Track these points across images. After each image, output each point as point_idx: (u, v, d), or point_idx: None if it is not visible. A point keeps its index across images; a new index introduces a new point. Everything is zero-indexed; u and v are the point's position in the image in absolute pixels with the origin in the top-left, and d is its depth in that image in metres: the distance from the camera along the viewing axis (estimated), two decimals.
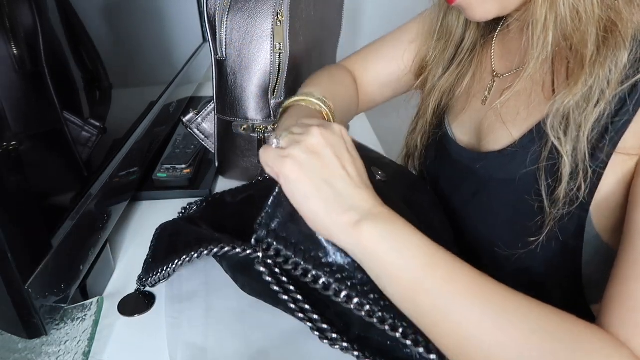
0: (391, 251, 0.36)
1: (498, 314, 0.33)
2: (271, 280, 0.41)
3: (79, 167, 0.52)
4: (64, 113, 0.49)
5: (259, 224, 0.40)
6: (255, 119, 0.66)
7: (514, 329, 0.33)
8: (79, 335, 0.45)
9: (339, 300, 0.39)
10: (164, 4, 0.86)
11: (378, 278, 0.37)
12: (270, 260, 0.41)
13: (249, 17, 0.62)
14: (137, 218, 0.69)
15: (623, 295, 0.34)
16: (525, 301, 0.34)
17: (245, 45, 0.62)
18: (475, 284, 0.35)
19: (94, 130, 0.56)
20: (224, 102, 0.67)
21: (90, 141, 0.55)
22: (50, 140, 0.47)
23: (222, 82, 0.66)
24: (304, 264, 0.39)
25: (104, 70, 0.61)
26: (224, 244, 0.44)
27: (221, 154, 0.74)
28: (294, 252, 0.40)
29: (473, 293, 0.34)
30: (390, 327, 0.38)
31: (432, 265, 0.35)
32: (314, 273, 0.39)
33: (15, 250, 0.38)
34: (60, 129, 0.48)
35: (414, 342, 0.38)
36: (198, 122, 0.72)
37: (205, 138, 0.74)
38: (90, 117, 0.55)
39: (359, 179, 0.39)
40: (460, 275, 0.35)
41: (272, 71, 0.63)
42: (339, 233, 0.37)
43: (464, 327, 0.34)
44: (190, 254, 0.46)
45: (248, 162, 0.72)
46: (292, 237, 0.40)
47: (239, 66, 0.64)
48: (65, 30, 0.50)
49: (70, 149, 0.50)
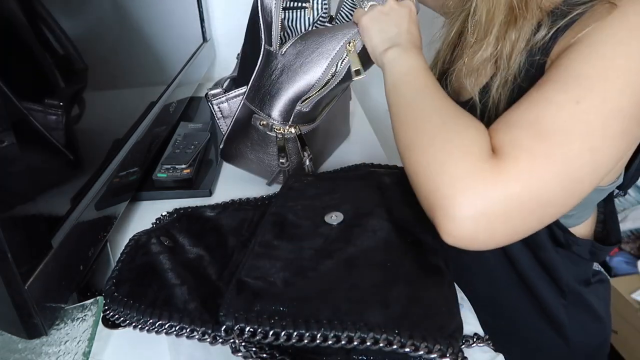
0: (395, 66, 0.54)
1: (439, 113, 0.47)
2: (255, 357, 0.42)
3: (79, 167, 0.52)
4: (64, 113, 0.49)
5: (224, 314, 0.41)
6: (277, 119, 0.66)
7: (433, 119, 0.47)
8: (79, 335, 0.45)
9: (330, 343, 0.39)
10: (164, 4, 0.86)
11: (385, 78, 0.55)
12: (249, 342, 0.41)
13: (326, 31, 0.63)
14: (137, 218, 0.69)
15: (513, 112, 0.45)
16: (460, 111, 0.48)
17: (308, 51, 0.63)
18: (441, 97, 0.49)
19: (94, 130, 0.56)
20: (257, 92, 0.67)
21: (89, 141, 0.55)
22: (51, 140, 0.47)
23: (265, 73, 0.66)
24: (286, 329, 0.39)
25: (104, 71, 0.61)
26: (195, 326, 0.43)
27: (231, 139, 0.73)
28: (270, 324, 0.40)
29: (435, 99, 0.49)
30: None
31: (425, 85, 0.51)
32: (299, 332, 0.39)
33: (15, 250, 0.38)
34: (60, 129, 0.48)
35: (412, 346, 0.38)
36: (221, 100, 0.72)
37: (221, 117, 0.73)
38: (90, 118, 0.55)
39: (407, 33, 0.58)
40: (433, 92, 0.50)
41: (315, 86, 0.63)
42: (378, 55, 0.58)
43: (418, 112, 0.49)
44: (155, 322, 0.44)
45: (254, 156, 0.72)
46: (263, 311, 0.41)
47: (290, 66, 0.64)
48: (63, 30, 0.50)
49: (70, 149, 0.50)
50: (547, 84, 0.44)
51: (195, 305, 0.46)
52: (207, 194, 0.74)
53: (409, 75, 0.53)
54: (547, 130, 0.41)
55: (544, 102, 0.43)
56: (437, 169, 0.43)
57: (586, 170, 0.42)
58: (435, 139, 0.45)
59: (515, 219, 0.41)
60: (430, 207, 0.43)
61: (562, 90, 0.43)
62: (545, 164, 0.41)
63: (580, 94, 0.42)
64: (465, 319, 0.45)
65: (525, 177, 0.40)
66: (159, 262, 0.51)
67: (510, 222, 0.41)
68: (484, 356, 0.49)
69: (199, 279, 0.50)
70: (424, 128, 0.47)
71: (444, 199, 0.41)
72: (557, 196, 0.41)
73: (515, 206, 0.40)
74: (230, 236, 0.58)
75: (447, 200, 0.41)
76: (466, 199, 0.40)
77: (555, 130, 0.41)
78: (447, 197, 0.41)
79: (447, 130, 0.45)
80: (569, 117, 0.41)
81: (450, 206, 0.41)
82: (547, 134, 0.41)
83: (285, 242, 0.49)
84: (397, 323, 0.39)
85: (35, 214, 0.42)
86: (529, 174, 0.40)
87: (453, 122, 0.46)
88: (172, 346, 0.47)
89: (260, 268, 0.46)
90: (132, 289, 0.48)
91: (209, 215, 0.63)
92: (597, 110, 0.41)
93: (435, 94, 0.50)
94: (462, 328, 0.42)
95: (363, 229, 0.50)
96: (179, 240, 0.57)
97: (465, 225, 0.40)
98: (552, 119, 0.42)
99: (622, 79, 0.42)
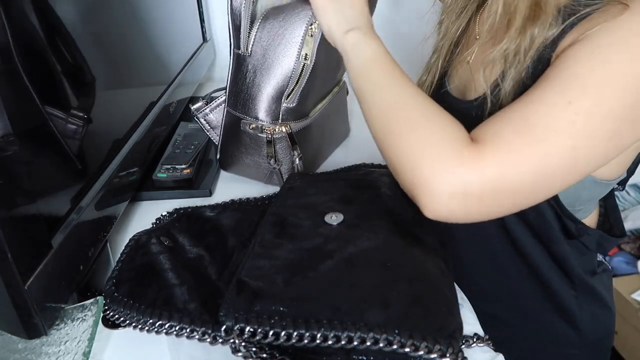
0: (360, 51, 0.54)
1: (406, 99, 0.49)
2: (255, 357, 0.41)
3: (79, 167, 0.52)
4: (63, 113, 0.49)
5: (224, 315, 0.41)
6: (265, 120, 0.66)
7: (411, 110, 0.49)
8: (79, 335, 0.45)
9: (330, 343, 0.39)
10: (164, 4, 0.86)
11: (348, 62, 0.55)
12: (249, 342, 0.41)
13: (283, 20, 0.61)
14: (137, 218, 0.69)
15: (506, 109, 0.47)
16: (432, 101, 0.49)
17: (272, 46, 0.62)
18: (412, 85, 0.51)
19: (94, 130, 0.56)
20: (237, 98, 0.66)
21: (89, 142, 0.55)
22: (51, 140, 0.47)
23: (238, 78, 0.65)
24: (286, 329, 0.39)
25: (104, 71, 0.61)
26: (195, 326, 0.43)
27: (225, 147, 0.73)
28: (270, 324, 0.40)
29: (407, 87, 0.51)
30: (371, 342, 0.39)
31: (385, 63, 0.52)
32: (299, 332, 0.39)
33: (15, 250, 0.38)
34: (60, 129, 0.48)
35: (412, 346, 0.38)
36: (206, 112, 0.72)
37: (210, 129, 0.73)
38: (90, 118, 0.55)
39: (362, 14, 0.56)
40: (404, 79, 0.51)
41: (292, 77, 0.63)
42: (337, 38, 0.56)
43: (393, 99, 0.50)
44: (155, 322, 0.44)
45: (250, 160, 0.72)
46: (263, 311, 0.41)
47: (261, 65, 0.63)
48: (63, 30, 0.50)
49: (70, 149, 0.50)
50: (545, 81, 0.46)
51: (195, 305, 0.46)
52: (207, 194, 0.74)
53: (375, 61, 0.53)
54: (531, 125, 0.44)
55: (537, 102, 0.45)
56: (419, 154, 0.46)
57: (564, 168, 0.44)
58: (416, 126, 0.47)
59: (489, 200, 0.44)
60: (410, 185, 0.47)
61: (558, 90, 0.44)
62: (522, 156, 0.43)
63: (574, 94, 0.43)
64: (465, 319, 0.45)
65: (500, 165, 0.43)
66: (159, 262, 0.51)
67: (484, 203, 0.44)
68: (484, 356, 0.49)
69: (199, 279, 0.50)
70: (402, 116, 0.49)
71: (424, 178, 0.45)
72: (529, 188, 0.44)
73: (488, 190, 0.44)
74: (230, 236, 0.58)
75: (427, 179, 0.45)
76: (444, 178, 0.44)
77: (539, 126, 0.43)
78: (428, 176, 0.45)
79: (427, 119, 0.47)
80: (557, 116, 0.43)
81: (430, 184, 0.44)
82: (531, 128, 0.43)
83: (285, 242, 0.49)
84: (397, 323, 0.39)
85: (35, 214, 0.42)
86: (504, 163, 0.43)
87: (430, 112, 0.48)
88: (172, 346, 0.47)
89: (260, 268, 0.46)
90: (132, 289, 0.48)
91: (209, 215, 0.63)
92: (588, 112, 0.42)
93: (406, 81, 0.51)
94: (462, 328, 0.42)
95: (363, 229, 0.50)
96: (179, 240, 0.57)
97: (442, 201, 0.44)
98: (539, 116, 0.44)
99: (620, 84, 0.42)
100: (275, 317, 0.40)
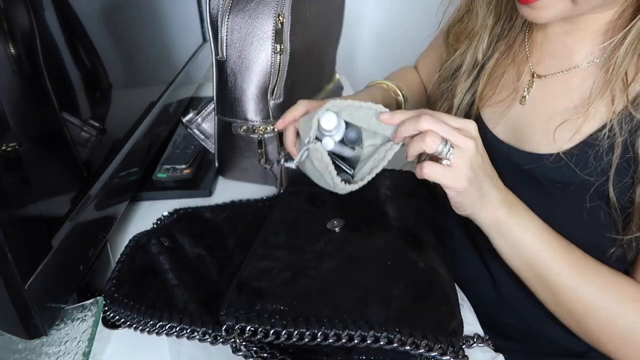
0: (517, 227, 0.49)
1: (592, 285, 0.47)
2: (256, 357, 0.42)
3: (78, 168, 0.52)
4: (63, 114, 0.49)
5: (225, 314, 0.41)
6: (255, 120, 0.66)
7: (600, 295, 0.47)
8: (79, 335, 0.45)
9: (331, 342, 0.39)
10: (164, 4, 0.86)
11: (504, 246, 0.50)
12: (250, 341, 0.41)
13: (250, 18, 0.61)
14: (137, 218, 0.69)
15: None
16: (611, 275, 0.48)
17: (246, 46, 0.62)
18: (582, 261, 0.48)
19: (94, 131, 0.56)
20: (224, 103, 0.67)
21: (89, 142, 0.55)
22: (50, 141, 0.47)
23: (222, 83, 0.66)
24: (287, 328, 0.39)
25: (103, 71, 0.61)
26: (196, 327, 0.43)
27: (221, 154, 0.74)
28: (271, 323, 0.40)
29: (580, 269, 0.48)
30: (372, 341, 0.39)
31: (548, 241, 0.49)
32: (300, 331, 0.39)
33: (15, 250, 0.38)
34: (59, 129, 0.48)
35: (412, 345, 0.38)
36: (198, 122, 0.72)
37: (205, 138, 0.74)
38: (90, 118, 0.55)
39: (497, 179, 0.49)
40: (572, 252, 0.49)
41: (272, 72, 0.63)
42: (484, 218, 0.49)
43: (568, 293, 0.48)
44: (155, 323, 0.44)
45: (248, 163, 0.72)
46: (264, 310, 0.41)
47: (239, 67, 0.64)
48: (63, 31, 0.50)
49: (70, 149, 0.50)
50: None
51: (195, 305, 0.46)
52: (207, 194, 0.74)
53: (527, 232, 0.49)
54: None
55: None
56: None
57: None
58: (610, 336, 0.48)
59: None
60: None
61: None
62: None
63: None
64: (465, 319, 0.45)
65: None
66: (159, 263, 0.51)
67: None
68: (484, 356, 0.49)
69: (199, 279, 0.50)
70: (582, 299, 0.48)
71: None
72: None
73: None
74: (230, 237, 0.58)
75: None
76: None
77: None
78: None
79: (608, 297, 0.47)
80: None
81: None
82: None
83: (287, 245, 0.49)
84: (398, 321, 0.39)
85: (35, 214, 0.42)
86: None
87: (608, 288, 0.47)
88: (173, 347, 0.47)
89: (262, 269, 0.46)
90: (132, 290, 0.48)
91: (209, 215, 0.63)
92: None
93: (575, 251, 0.49)
94: (462, 326, 0.42)
95: (364, 230, 0.51)
96: (179, 240, 0.56)
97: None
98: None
99: None
100: (276, 315, 0.40)
